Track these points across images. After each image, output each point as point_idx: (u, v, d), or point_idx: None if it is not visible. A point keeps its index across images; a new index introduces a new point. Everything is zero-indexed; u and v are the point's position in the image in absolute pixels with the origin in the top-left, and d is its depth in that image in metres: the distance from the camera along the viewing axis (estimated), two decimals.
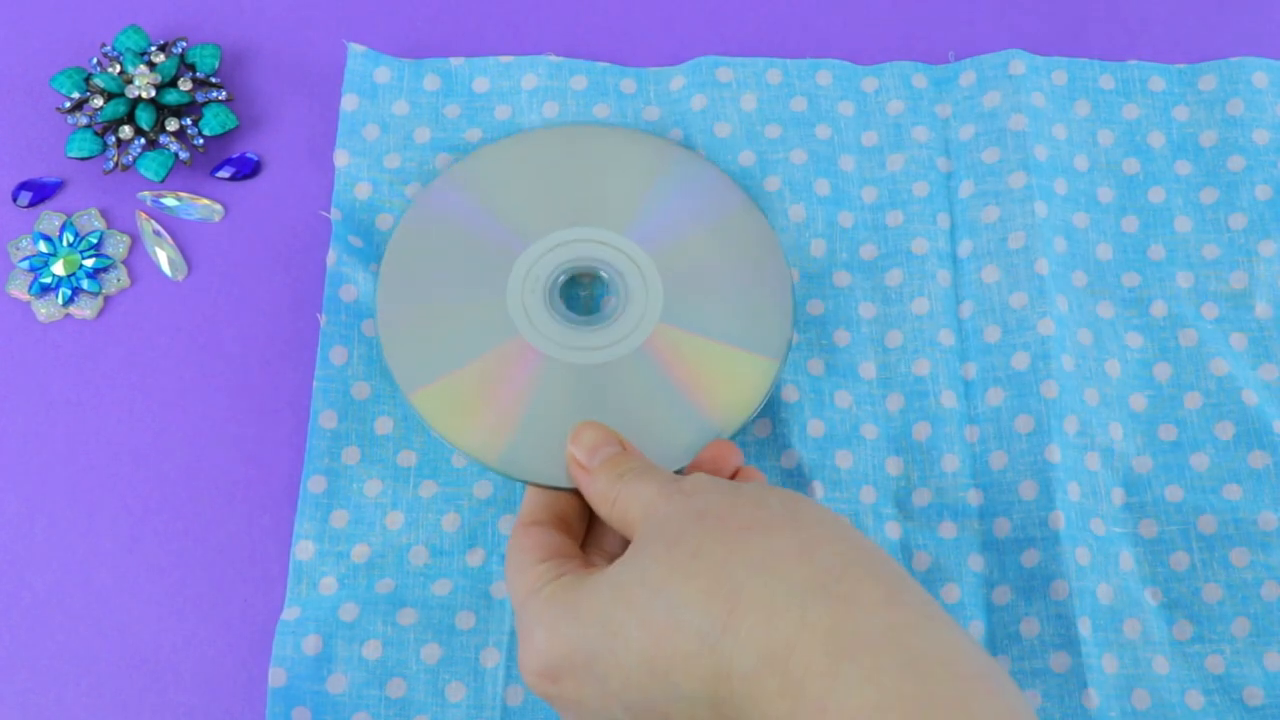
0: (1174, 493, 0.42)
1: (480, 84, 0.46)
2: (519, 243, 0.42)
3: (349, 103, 0.45)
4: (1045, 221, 0.44)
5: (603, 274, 0.42)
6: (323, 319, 0.42)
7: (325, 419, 0.42)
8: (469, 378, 0.41)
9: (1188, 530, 0.41)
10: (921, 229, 0.44)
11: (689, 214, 0.43)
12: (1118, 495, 0.42)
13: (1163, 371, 0.43)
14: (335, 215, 0.44)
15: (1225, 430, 0.42)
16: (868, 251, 0.44)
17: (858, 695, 0.28)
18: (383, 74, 0.46)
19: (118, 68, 0.45)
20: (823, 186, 0.45)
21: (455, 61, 0.46)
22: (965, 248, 0.44)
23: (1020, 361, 0.42)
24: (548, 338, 0.41)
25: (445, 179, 0.43)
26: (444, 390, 0.40)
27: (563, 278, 0.42)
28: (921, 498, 0.42)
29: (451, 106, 0.46)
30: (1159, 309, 0.44)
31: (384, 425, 0.42)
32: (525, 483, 0.39)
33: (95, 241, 0.44)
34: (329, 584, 0.40)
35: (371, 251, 0.43)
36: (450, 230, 0.43)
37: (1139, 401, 0.43)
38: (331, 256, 0.43)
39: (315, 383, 0.42)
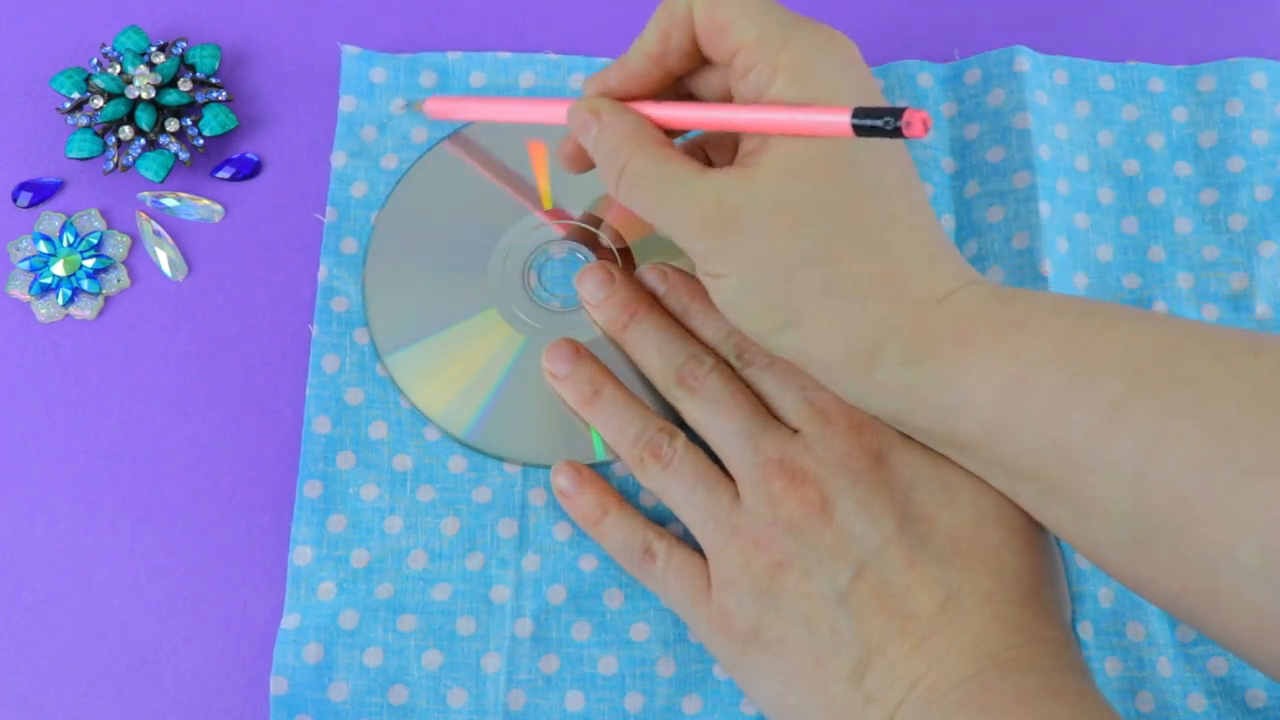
0: None
1: (477, 79, 0.46)
2: (500, 222, 0.44)
3: (347, 104, 0.45)
4: (1049, 221, 0.44)
5: (579, 256, 0.44)
6: (314, 329, 0.42)
7: (319, 424, 0.41)
8: (441, 346, 0.42)
9: None
10: None
11: None
12: None
13: None
14: (330, 216, 0.44)
15: None
16: None
17: None
18: (379, 73, 0.46)
19: (118, 68, 0.44)
20: None
21: (452, 56, 0.46)
22: (970, 248, 0.44)
23: None
24: (522, 315, 0.43)
25: (435, 154, 0.45)
26: (416, 356, 0.42)
27: (540, 258, 0.43)
28: None
29: None
30: (1160, 310, 0.44)
31: (378, 430, 0.42)
32: (499, 458, 0.41)
33: (95, 242, 0.44)
34: (328, 589, 0.40)
35: (365, 256, 0.44)
36: (437, 208, 0.44)
37: None
38: (322, 271, 0.43)
39: (308, 389, 0.42)
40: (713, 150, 0.40)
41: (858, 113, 0.31)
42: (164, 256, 0.44)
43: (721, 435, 0.38)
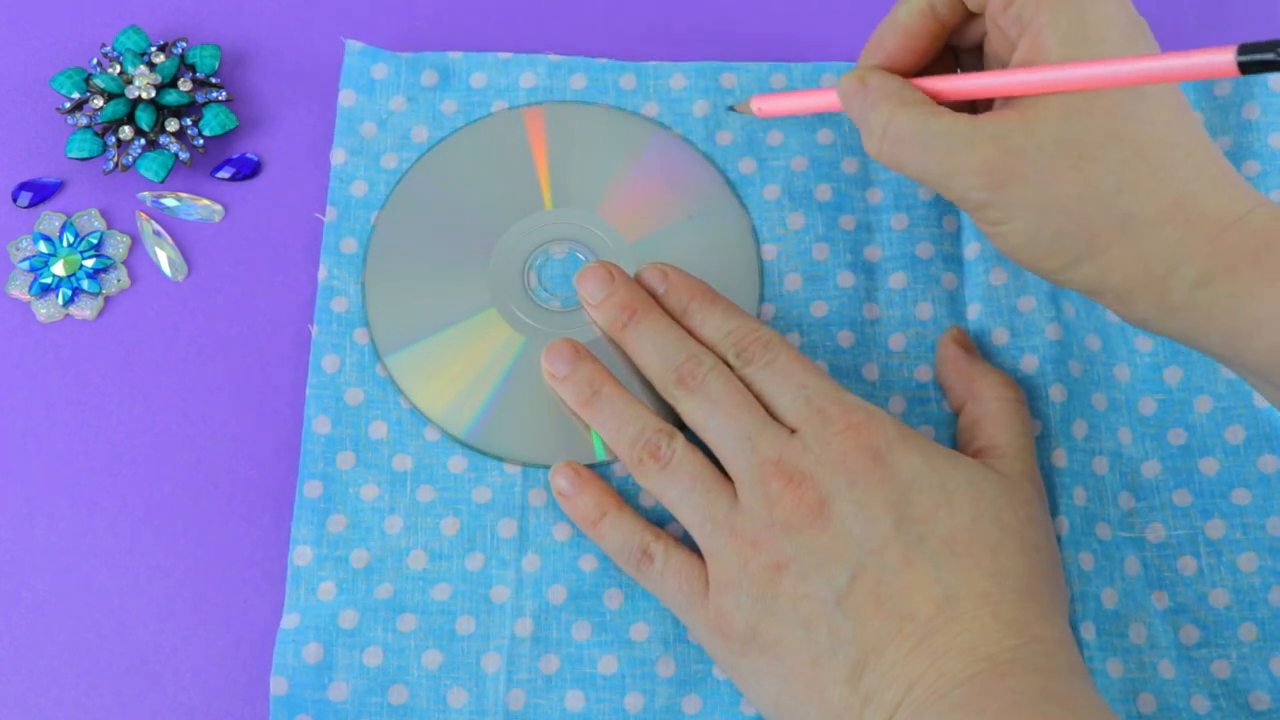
0: (1182, 497, 0.42)
1: (478, 79, 0.46)
2: (500, 222, 0.44)
3: (346, 99, 0.45)
4: None
5: (579, 255, 0.43)
6: (315, 329, 0.42)
7: (319, 424, 0.41)
8: (441, 347, 0.42)
9: (1195, 535, 0.41)
10: (927, 232, 0.44)
11: (663, 195, 0.44)
12: (1125, 499, 0.41)
13: (1173, 375, 0.43)
14: (330, 216, 0.44)
15: (1236, 434, 0.42)
16: (871, 253, 0.44)
17: None
18: (380, 70, 0.45)
19: (118, 68, 0.44)
20: (824, 191, 0.44)
21: (453, 55, 0.46)
22: (972, 250, 0.44)
23: (1029, 365, 0.42)
24: (522, 315, 0.43)
25: (435, 154, 0.44)
26: (416, 356, 0.42)
27: (540, 258, 0.43)
28: None
29: (449, 103, 0.45)
30: None
31: (378, 430, 0.42)
32: (500, 458, 0.41)
33: (95, 242, 0.44)
34: (328, 589, 0.40)
35: (364, 256, 0.43)
36: (437, 208, 0.44)
37: (1148, 405, 0.43)
38: (322, 271, 0.43)
39: (308, 389, 0.42)
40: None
41: (1244, 49, 0.30)
42: (164, 256, 0.44)
43: (720, 435, 0.38)
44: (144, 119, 0.44)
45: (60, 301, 0.43)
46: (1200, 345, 0.35)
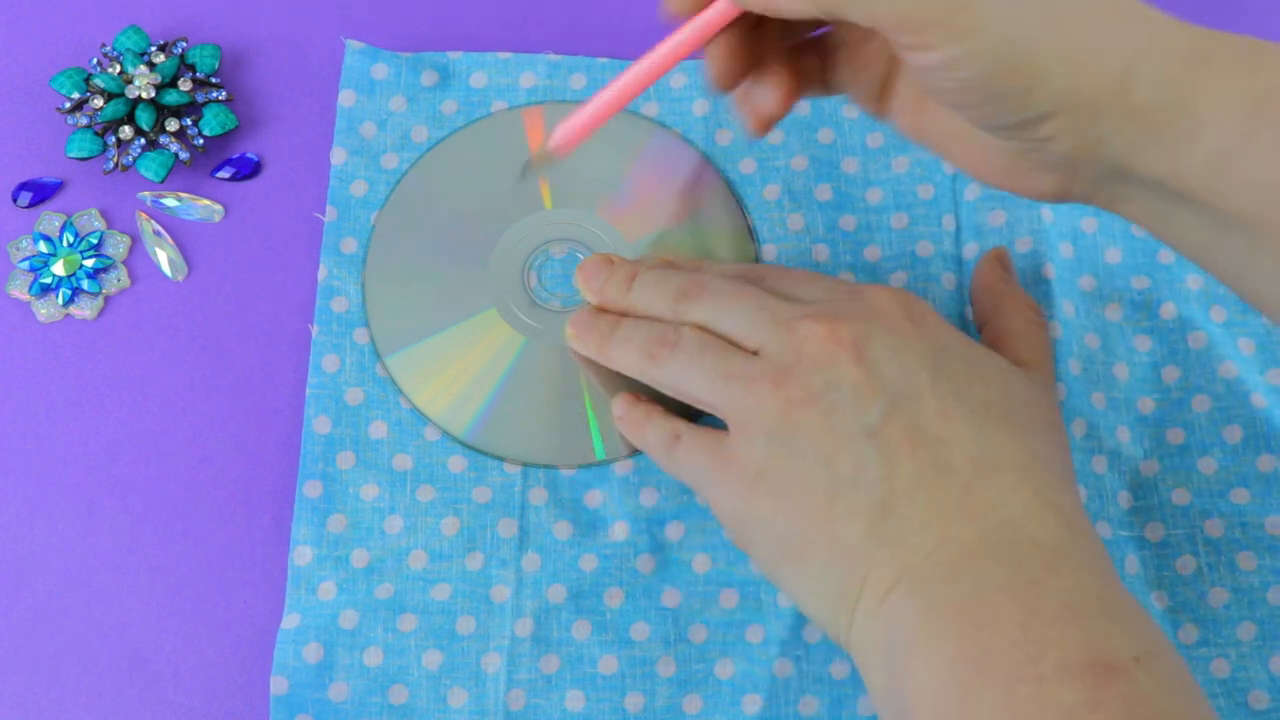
0: (1181, 496, 0.42)
1: (478, 79, 0.46)
2: (500, 222, 0.44)
3: (346, 99, 0.45)
4: (1052, 227, 0.43)
5: (579, 256, 0.44)
6: (315, 329, 0.42)
7: (319, 424, 0.41)
8: (441, 347, 0.42)
9: (1194, 534, 0.41)
10: (926, 231, 0.44)
11: (663, 195, 0.44)
12: (1124, 498, 0.41)
13: (1171, 374, 0.43)
14: (330, 216, 0.44)
15: (1233, 434, 0.42)
16: (871, 253, 0.44)
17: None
18: (380, 70, 0.46)
19: (118, 68, 0.44)
20: (824, 191, 0.45)
21: (453, 55, 0.46)
22: (970, 250, 0.44)
23: None
24: (522, 315, 0.43)
25: (435, 154, 0.45)
26: (416, 356, 0.42)
27: (540, 258, 0.43)
28: None
29: (449, 103, 0.45)
30: (1168, 311, 0.43)
31: (378, 430, 0.42)
32: (495, 457, 0.41)
33: (95, 242, 0.44)
34: (328, 589, 0.40)
35: (364, 256, 0.44)
36: (436, 208, 0.44)
37: (1147, 404, 0.43)
38: (322, 271, 0.43)
39: (308, 389, 0.42)
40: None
41: None
42: (164, 256, 0.44)
43: (736, 320, 0.36)
44: (144, 119, 0.44)
45: (60, 301, 0.43)
46: (1139, 173, 0.32)
